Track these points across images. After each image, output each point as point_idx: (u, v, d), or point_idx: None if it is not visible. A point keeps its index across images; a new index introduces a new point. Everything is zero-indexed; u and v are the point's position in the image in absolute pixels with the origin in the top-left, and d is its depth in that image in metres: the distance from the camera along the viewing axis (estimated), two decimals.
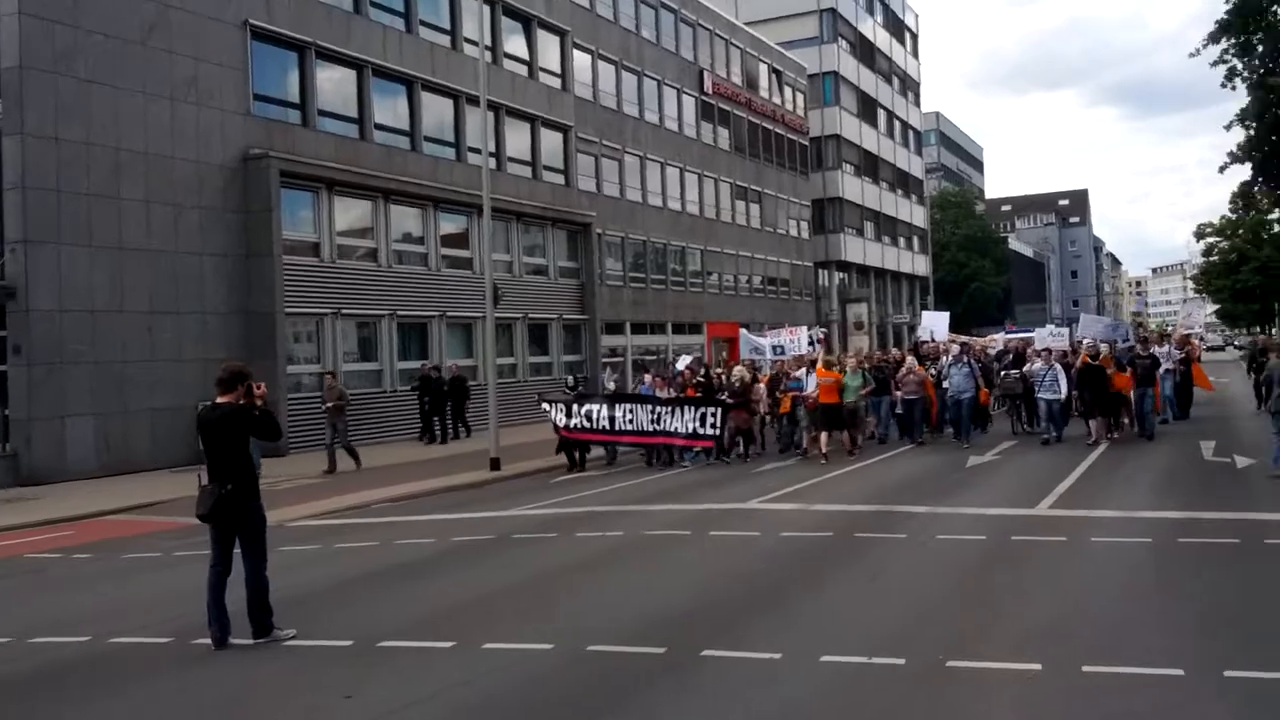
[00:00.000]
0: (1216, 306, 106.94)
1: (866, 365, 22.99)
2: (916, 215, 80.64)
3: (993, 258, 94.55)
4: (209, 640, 8.16)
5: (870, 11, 72.98)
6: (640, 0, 45.52)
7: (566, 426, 21.00)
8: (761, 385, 22.53)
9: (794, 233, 60.15)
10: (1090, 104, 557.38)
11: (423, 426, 28.52)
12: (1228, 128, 25.66)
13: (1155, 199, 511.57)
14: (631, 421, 20.61)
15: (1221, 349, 67.31)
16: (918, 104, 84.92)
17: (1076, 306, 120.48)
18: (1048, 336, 26.09)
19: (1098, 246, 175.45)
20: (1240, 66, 24.18)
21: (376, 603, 9.81)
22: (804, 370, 21.41)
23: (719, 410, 20.18)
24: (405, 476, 20.46)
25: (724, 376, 23.07)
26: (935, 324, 31.18)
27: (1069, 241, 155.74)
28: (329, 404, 22.11)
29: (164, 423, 23.49)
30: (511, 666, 7.41)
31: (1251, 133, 25.18)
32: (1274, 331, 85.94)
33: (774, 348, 25.77)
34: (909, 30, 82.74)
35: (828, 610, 8.63)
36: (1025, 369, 22.66)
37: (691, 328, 47.70)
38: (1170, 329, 44.71)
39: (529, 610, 9.19)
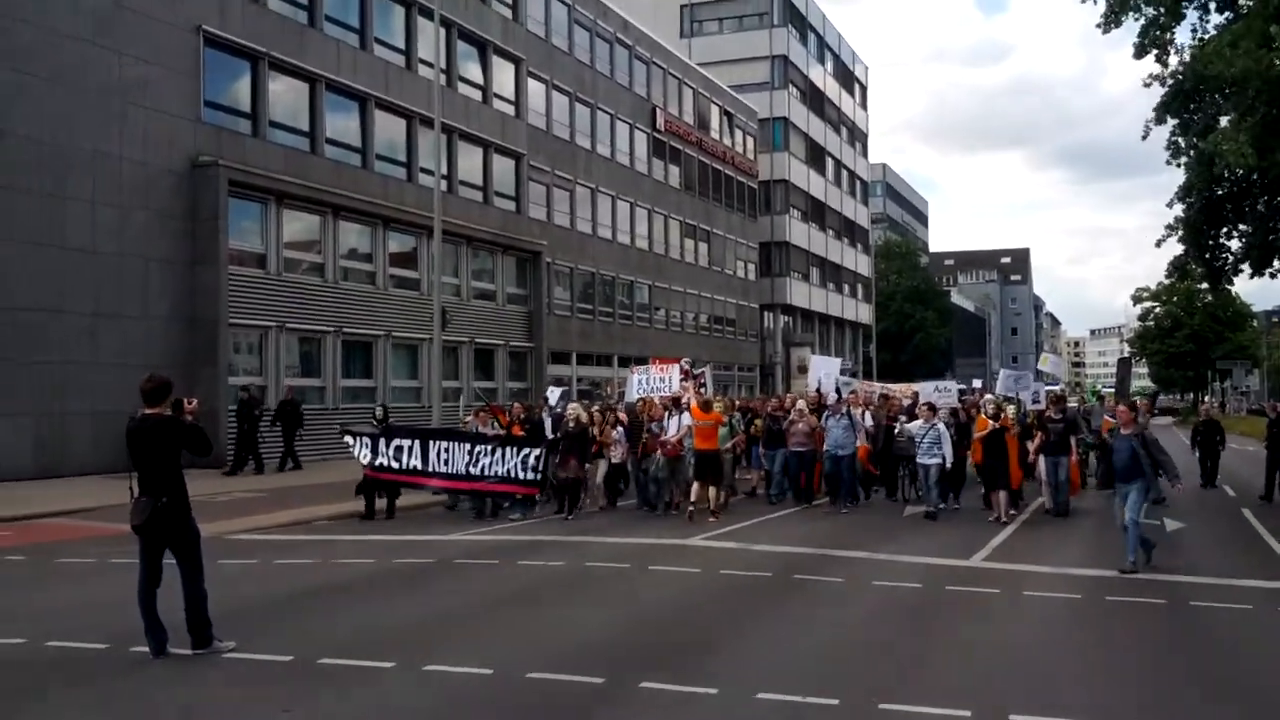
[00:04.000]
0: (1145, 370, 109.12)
1: (741, 412, 20.85)
2: (861, 264, 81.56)
3: (936, 309, 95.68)
4: (146, 648, 8.09)
5: (821, 60, 74.07)
6: (595, 34, 45.92)
7: (371, 465, 17.75)
8: (617, 430, 19.01)
9: (741, 274, 60.68)
10: (1039, 166, 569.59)
11: (235, 457, 24.46)
12: (1170, 204, 25.94)
13: (1097, 262, 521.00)
14: (447, 463, 17.58)
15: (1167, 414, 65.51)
16: (865, 154, 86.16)
17: (1015, 363, 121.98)
18: (933, 392, 22.45)
19: (1038, 305, 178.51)
20: (1183, 144, 24.41)
21: (318, 620, 9.77)
22: (666, 414, 18.53)
23: (543, 452, 17.52)
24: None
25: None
26: (824, 370, 24.75)
27: (1010, 299, 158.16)
28: None
29: (106, 427, 22.86)
30: (451, 689, 7.44)
31: (1185, 210, 25.45)
32: (1206, 399, 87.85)
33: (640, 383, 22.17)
34: (858, 82, 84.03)
35: (765, 648, 8.72)
36: (899, 429, 19.42)
37: (638, 361, 47.42)
38: (1104, 391, 42.78)
39: (470, 635, 9.22)
